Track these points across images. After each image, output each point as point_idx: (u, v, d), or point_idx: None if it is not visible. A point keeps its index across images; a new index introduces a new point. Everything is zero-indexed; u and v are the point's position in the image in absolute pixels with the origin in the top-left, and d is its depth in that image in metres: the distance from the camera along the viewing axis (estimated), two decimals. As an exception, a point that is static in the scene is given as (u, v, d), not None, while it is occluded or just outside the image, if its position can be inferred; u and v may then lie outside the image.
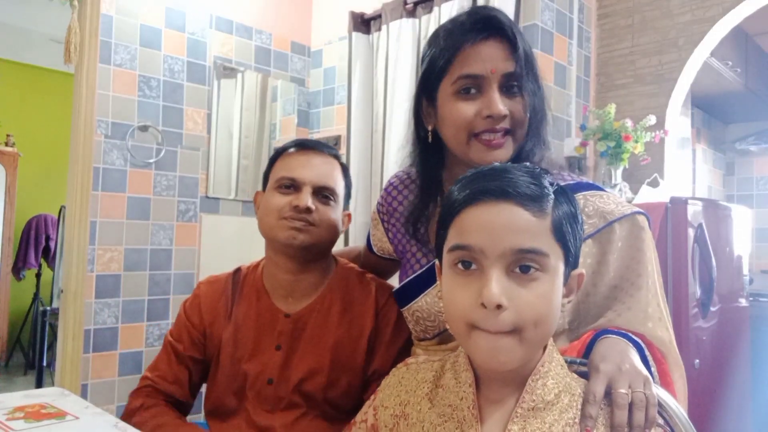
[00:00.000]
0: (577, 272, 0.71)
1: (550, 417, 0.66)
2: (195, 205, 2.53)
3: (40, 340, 3.77)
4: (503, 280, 0.64)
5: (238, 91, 2.71)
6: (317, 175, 1.15)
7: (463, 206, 0.68)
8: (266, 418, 1.13)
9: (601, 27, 2.58)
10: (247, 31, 2.74)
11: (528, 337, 0.64)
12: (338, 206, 1.19)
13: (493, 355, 0.64)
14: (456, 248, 0.67)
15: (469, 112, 0.90)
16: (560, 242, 0.67)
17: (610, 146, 2.17)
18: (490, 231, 0.65)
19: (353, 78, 2.59)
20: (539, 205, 0.66)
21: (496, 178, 0.67)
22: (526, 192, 0.65)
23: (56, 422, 0.98)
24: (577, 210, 0.71)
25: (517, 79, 0.89)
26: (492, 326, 0.63)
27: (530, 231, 0.64)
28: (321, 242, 1.15)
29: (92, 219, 2.24)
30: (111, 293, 2.29)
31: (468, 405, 0.69)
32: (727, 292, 2.35)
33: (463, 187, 0.69)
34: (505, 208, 0.65)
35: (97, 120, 2.26)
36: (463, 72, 0.90)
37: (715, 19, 2.28)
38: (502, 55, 0.89)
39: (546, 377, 0.68)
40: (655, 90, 2.42)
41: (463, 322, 0.66)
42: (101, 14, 2.26)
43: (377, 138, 2.49)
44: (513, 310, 0.63)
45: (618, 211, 0.93)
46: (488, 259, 0.64)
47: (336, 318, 1.16)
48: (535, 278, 0.64)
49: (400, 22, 2.42)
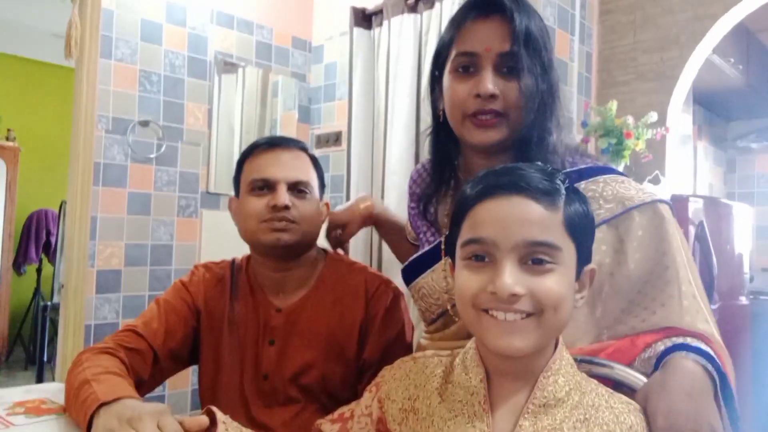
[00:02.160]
0: (589, 268, 0.72)
1: (560, 414, 0.66)
2: (196, 201, 2.53)
3: (41, 335, 3.78)
4: (516, 271, 0.64)
5: (239, 86, 2.71)
6: (289, 171, 1.14)
7: (476, 201, 0.68)
8: (265, 415, 1.13)
9: (603, 23, 2.57)
10: (248, 26, 2.74)
11: (547, 320, 0.65)
12: (315, 198, 1.18)
13: (507, 338, 0.64)
14: (469, 242, 0.68)
15: (462, 91, 0.89)
16: (572, 237, 0.67)
17: (612, 143, 2.17)
18: (503, 223, 0.65)
19: (354, 73, 2.58)
20: (551, 199, 0.66)
21: (508, 173, 0.69)
22: (539, 186, 0.66)
23: (56, 417, 0.98)
24: (589, 208, 0.72)
25: (514, 59, 0.87)
26: (509, 312, 0.64)
27: (543, 224, 0.65)
28: (305, 238, 1.15)
29: (93, 214, 2.24)
30: (112, 288, 2.29)
31: (479, 400, 0.69)
32: (727, 290, 2.35)
33: (476, 184, 0.70)
34: (518, 202, 0.66)
35: (98, 115, 2.25)
36: (460, 49, 0.90)
37: (717, 16, 2.27)
38: (499, 33, 0.87)
39: (557, 374, 0.68)
40: (656, 87, 2.41)
41: (472, 306, 0.67)
42: (102, 9, 2.25)
43: (378, 134, 2.49)
44: (530, 296, 0.64)
45: (638, 197, 0.89)
46: (501, 252, 0.65)
47: (327, 310, 1.17)
48: (549, 270, 0.65)
49: (401, 17, 2.41)
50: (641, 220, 0.88)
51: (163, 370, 1.15)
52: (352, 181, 2.57)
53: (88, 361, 0.98)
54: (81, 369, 0.96)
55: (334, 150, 2.86)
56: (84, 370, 0.95)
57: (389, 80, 2.45)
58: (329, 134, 2.87)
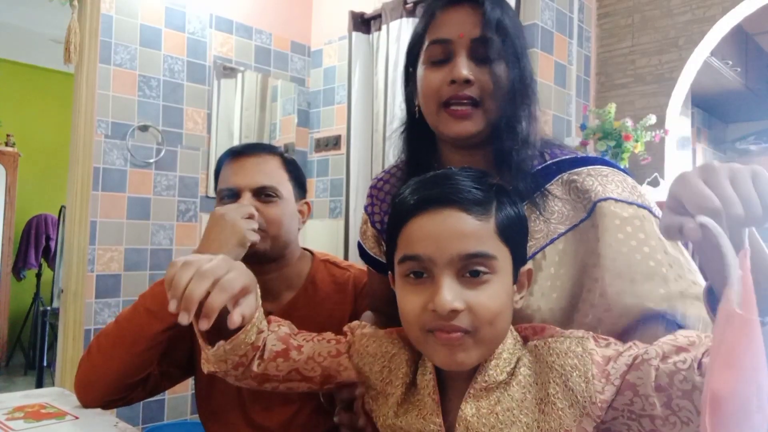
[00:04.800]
0: (526, 268, 0.73)
1: (504, 395, 0.68)
2: (195, 205, 2.53)
3: (41, 340, 3.78)
4: (454, 285, 0.65)
5: (238, 90, 2.71)
6: (252, 178, 1.13)
7: (409, 216, 0.68)
8: (263, 416, 1.13)
9: (601, 26, 2.57)
10: (247, 30, 2.74)
11: (484, 336, 0.66)
12: (286, 201, 1.16)
13: (450, 357, 0.66)
14: (405, 259, 0.68)
15: (436, 79, 0.87)
16: (506, 242, 0.68)
17: (611, 146, 2.17)
18: (437, 239, 0.66)
19: (353, 78, 2.59)
20: (483, 209, 0.67)
21: (438, 184, 0.69)
22: (469, 197, 0.66)
23: (56, 422, 0.98)
24: (521, 209, 0.73)
25: (487, 45, 0.85)
26: (448, 328, 0.64)
27: (476, 235, 0.66)
28: (277, 243, 1.13)
29: (92, 219, 2.24)
30: (111, 293, 2.29)
31: (429, 392, 0.72)
32: (727, 292, 2.35)
33: (408, 197, 0.70)
34: (449, 215, 0.66)
35: (97, 120, 2.26)
36: (433, 37, 0.89)
37: (715, 19, 2.28)
38: (471, 20, 0.86)
39: (499, 358, 0.69)
40: (655, 89, 2.42)
41: (418, 328, 0.67)
42: (101, 14, 2.26)
43: (377, 138, 2.49)
44: (468, 312, 0.65)
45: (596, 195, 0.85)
46: (438, 267, 0.65)
47: (317, 308, 1.17)
48: (485, 281, 0.66)
49: (400, 21, 2.42)
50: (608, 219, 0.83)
51: (166, 375, 1.17)
52: (351, 184, 2.58)
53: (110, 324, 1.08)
54: (112, 324, 1.07)
55: (333, 154, 2.86)
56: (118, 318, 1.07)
57: (388, 84, 2.46)
58: (328, 138, 2.88)
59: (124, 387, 1.07)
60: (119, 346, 1.04)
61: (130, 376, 1.06)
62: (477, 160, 0.88)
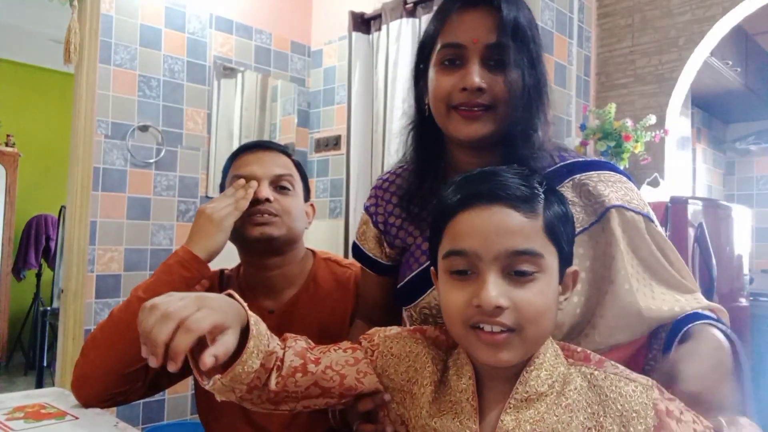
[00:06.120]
0: (572, 269, 0.72)
1: (543, 406, 0.67)
2: (195, 206, 2.53)
3: (41, 340, 3.77)
4: (500, 282, 0.65)
5: (238, 90, 2.71)
6: (270, 168, 1.16)
7: (456, 211, 0.68)
8: (263, 417, 1.13)
9: (601, 26, 2.58)
10: (247, 30, 2.74)
11: (528, 335, 0.65)
12: (298, 196, 1.19)
13: (494, 354, 0.65)
14: (451, 254, 0.68)
15: (447, 84, 0.86)
16: (553, 241, 0.67)
17: (611, 146, 2.17)
18: (484, 234, 0.65)
19: (353, 78, 2.59)
20: (530, 206, 0.66)
21: (486, 181, 0.68)
22: (517, 194, 0.66)
23: (56, 422, 0.98)
24: (568, 209, 0.72)
25: (502, 52, 0.84)
26: (493, 324, 0.64)
27: (523, 232, 0.65)
28: (289, 232, 1.15)
29: (92, 219, 2.24)
30: (111, 293, 2.29)
31: (467, 397, 0.70)
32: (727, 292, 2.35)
33: (454, 192, 0.70)
34: (497, 211, 0.66)
35: (97, 120, 2.26)
36: (447, 41, 0.87)
37: (715, 19, 2.28)
38: (486, 25, 0.84)
39: (540, 369, 0.68)
40: (655, 89, 2.42)
41: (461, 323, 0.67)
42: (101, 14, 2.26)
43: (377, 138, 2.49)
44: (513, 309, 0.64)
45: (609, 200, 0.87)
46: (484, 263, 0.65)
47: (319, 306, 1.18)
48: (531, 279, 0.65)
49: (400, 21, 2.42)
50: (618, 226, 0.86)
51: (165, 369, 1.15)
52: (351, 184, 2.57)
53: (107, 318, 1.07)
54: (107, 318, 1.06)
55: (333, 154, 2.86)
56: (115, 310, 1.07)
57: (388, 84, 2.46)
58: (328, 138, 2.88)
59: (122, 379, 1.05)
60: (114, 334, 1.04)
61: (127, 365, 1.04)
62: (486, 161, 0.87)
